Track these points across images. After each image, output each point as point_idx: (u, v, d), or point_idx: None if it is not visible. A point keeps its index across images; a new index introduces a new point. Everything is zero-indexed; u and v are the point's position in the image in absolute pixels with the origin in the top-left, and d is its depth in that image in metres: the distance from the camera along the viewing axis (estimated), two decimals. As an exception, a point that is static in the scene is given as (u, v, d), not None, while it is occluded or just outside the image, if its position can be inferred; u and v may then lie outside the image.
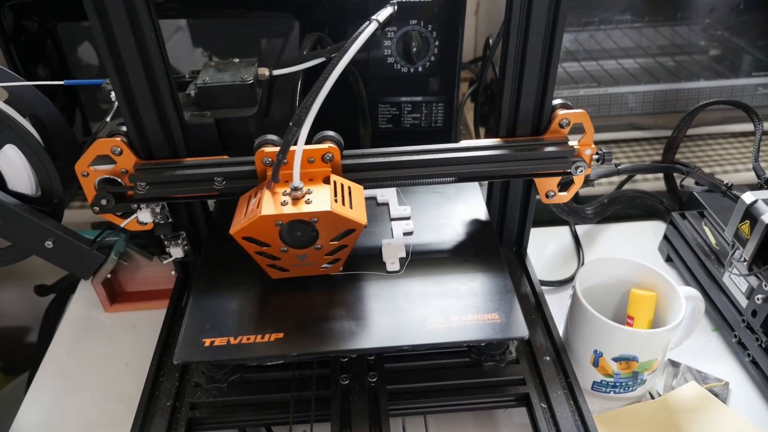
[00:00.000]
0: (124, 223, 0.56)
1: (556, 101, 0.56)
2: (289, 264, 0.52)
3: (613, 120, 0.93)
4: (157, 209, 0.57)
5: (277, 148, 0.50)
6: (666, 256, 0.76)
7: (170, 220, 0.58)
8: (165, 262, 0.62)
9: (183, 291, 0.64)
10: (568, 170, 0.56)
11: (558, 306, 0.63)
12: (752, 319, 0.59)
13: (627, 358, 0.55)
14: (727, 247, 0.64)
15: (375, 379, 0.52)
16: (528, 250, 0.67)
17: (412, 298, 0.52)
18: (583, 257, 0.78)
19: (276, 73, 0.60)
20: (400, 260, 0.56)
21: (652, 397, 0.60)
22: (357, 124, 0.74)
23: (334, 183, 0.50)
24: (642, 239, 0.80)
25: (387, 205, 0.63)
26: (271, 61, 0.77)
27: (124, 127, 0.53)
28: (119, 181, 0.54)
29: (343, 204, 0.49)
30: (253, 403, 0.52)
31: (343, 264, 0.53)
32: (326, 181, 0.50)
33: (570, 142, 0.55)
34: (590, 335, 0.56)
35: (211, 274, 0.55)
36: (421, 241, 0.58)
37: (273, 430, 0.56)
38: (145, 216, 0.56)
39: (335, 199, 0.48)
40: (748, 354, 0.61)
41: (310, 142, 0.52)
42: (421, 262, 0.55)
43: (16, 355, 1.03)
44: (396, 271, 0.55)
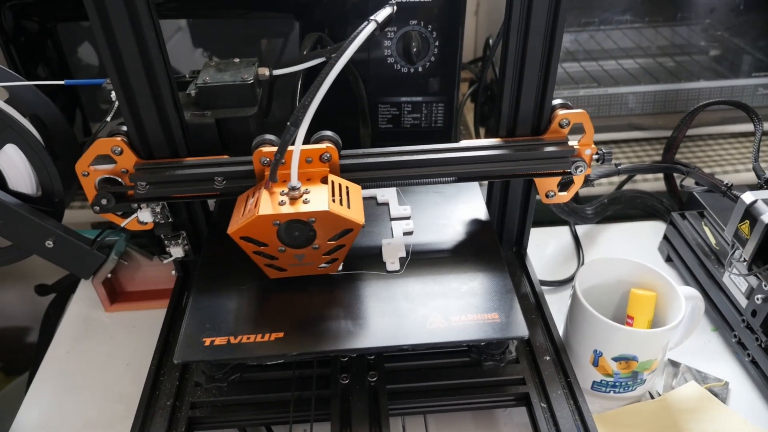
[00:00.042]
0: (125, 223, 0.56)
1: (556, 101, 0.56)
2: (287, 264, 0.52)
3: (613, 120, 0.93)
4: (158, 209, 0.57)
5: (275, 148, 0.50)
6: (666, 256, 0.76)
7: (170, 220, 0.58)
8: (165, 261, 0.62)
9: (183, 291, 0.64)
10: (568, 170, 0.56)
11: (558, 306, 0.63)
12: (752, 319, 0.59)
13: (627, 357, 0.55)
14: (727, 247, 0.64)
15: (375, 379, 0.52)
16: (528, 250, 0.67)
17: (412, 298, 0.52)
18: (583, 257, 0.78)
19: (276, 73, 0.60)
20: (400, 260, 0.56)
21: (652, 397, 0.60)
22: (357, 125, 0.74)
23: (332, 183, 0.50)
24: (642, 239, 0.80)
25: (387, 204, 0.63)
26: (272, 61, 0.77)
27: (125, 127, 0.53)
28: (119, 180, 0.54)
29: (341, 204, 0.49)
30: (253, 402, 0.52)
31: (341, 263, 0.53)
32: (324, 181, 0.50)
33: (570, 142, 0.55)
34: (590, 335, 0.56)
35: (212, 273, 0.55)
36: (421, 241, 0.58)
37: (273, 429, 0.56)
38: (146, 216, 0.57)
39: (333, 199, 0.48)
40: (748, 354, 0.61)
41: (308, 142, 0.52)
42: (421, 262, 0.56)
43: (16, 355, 1.03)
44: (396, 271, 0.55)
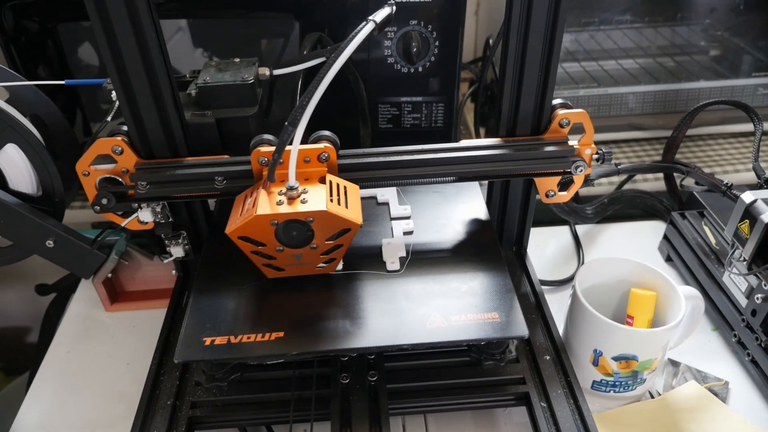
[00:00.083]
0: (125, 223, 0.56)
1: (556, 101, 0.56)
2: (285, 263, 0.52)
3: (613, 120, 0.93)
4: (158, 208, 0.57)
5: (273, 148, 0.50)
6: (666, 256, 0.76)
7: (171, 220, 0.59)
8: (165, 261, 0.62)
9: (183, 290, 0.64)
10: (568, 170, 0.56)
11: (558, 306, 0.63)
12: (752, 319, 0.59)
13: (627, 357, 0.55)
14: (727, 246, 0.64)
15: (375, 378, 0.52)
16: (528, 250, 0.67)
17: (412, 298, 0.52)
18: (583, 257, 0.78)
19: (276, 72, 0.60)
20: (400, 259, 0.56)
21: (652, 397, 0.60)
22: (357, 125, 0.74)
23: (330, 183, 0.50)
24: (642, 239, 0.80)
25: (387, 204, 0.63)
26: (272, 61, 0.78)
27: (125, 127, 0.53)
28: (120, 180, 0.54)
29: (339, 204, 0.49)
30: (253, 401, 0.52)
31: (339, 263, 0.53)
32: (322, 180, 0.50)
33: (570, 142, 0.55)
34: (590, 334, 0.56)
35: (212, 273, 0.55)
36: (421, 241, 0.58)
37: (273, 429, 0.56)
38: (146, 215, 0.57)
39: (331, 199, 0.48)
40: (748, 353, 0.61)
41: (307, 142, 0.52)
42: (421, 262, 0.56)
43: (17, 355, 1.03)
44: (396, 271, 0.55)
